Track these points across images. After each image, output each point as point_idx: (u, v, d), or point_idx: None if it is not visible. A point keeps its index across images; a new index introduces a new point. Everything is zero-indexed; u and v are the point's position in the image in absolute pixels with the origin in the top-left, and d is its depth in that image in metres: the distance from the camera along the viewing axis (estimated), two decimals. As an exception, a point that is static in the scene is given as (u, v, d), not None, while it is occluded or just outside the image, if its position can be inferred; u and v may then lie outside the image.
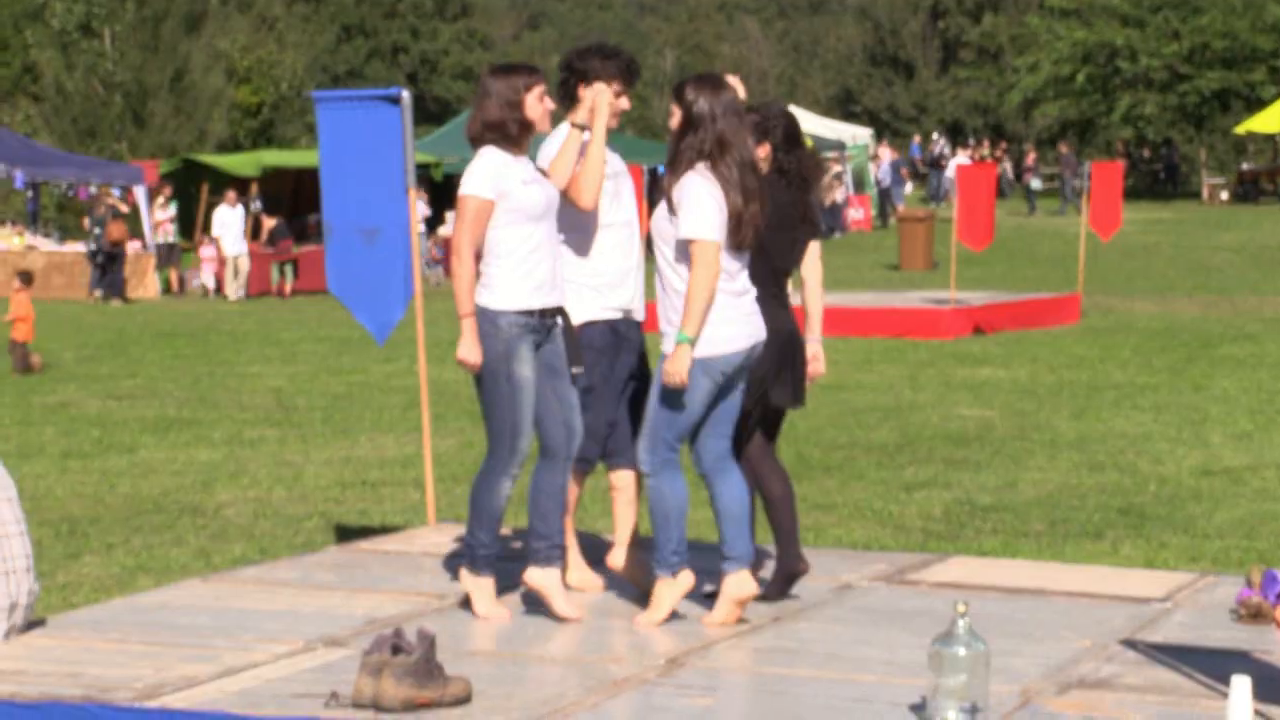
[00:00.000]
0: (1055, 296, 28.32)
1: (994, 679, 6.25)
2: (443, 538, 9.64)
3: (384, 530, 10.51)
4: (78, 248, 36.49)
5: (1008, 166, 63.19)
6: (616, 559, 8.25)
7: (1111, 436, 14.92)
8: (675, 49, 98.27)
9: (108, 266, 34.23)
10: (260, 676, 6.70)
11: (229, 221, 34.75)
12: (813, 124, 58.01)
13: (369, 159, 9.49)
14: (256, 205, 36.57)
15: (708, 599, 7.89)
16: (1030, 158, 56.63)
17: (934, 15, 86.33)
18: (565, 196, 7.99)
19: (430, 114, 75.94)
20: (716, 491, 7.59)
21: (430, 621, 7.48)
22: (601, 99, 8.02)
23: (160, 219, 35.87)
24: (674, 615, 7.62)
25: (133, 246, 36.04)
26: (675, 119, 7.49)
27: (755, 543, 7.81)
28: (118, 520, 11.42)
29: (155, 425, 15.87)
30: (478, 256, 7.68)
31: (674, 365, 7.30)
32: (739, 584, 7.56)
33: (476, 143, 7.76)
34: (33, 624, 7.41)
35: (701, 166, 7.41)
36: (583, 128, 8.04)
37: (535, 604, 7.83)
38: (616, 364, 8.22)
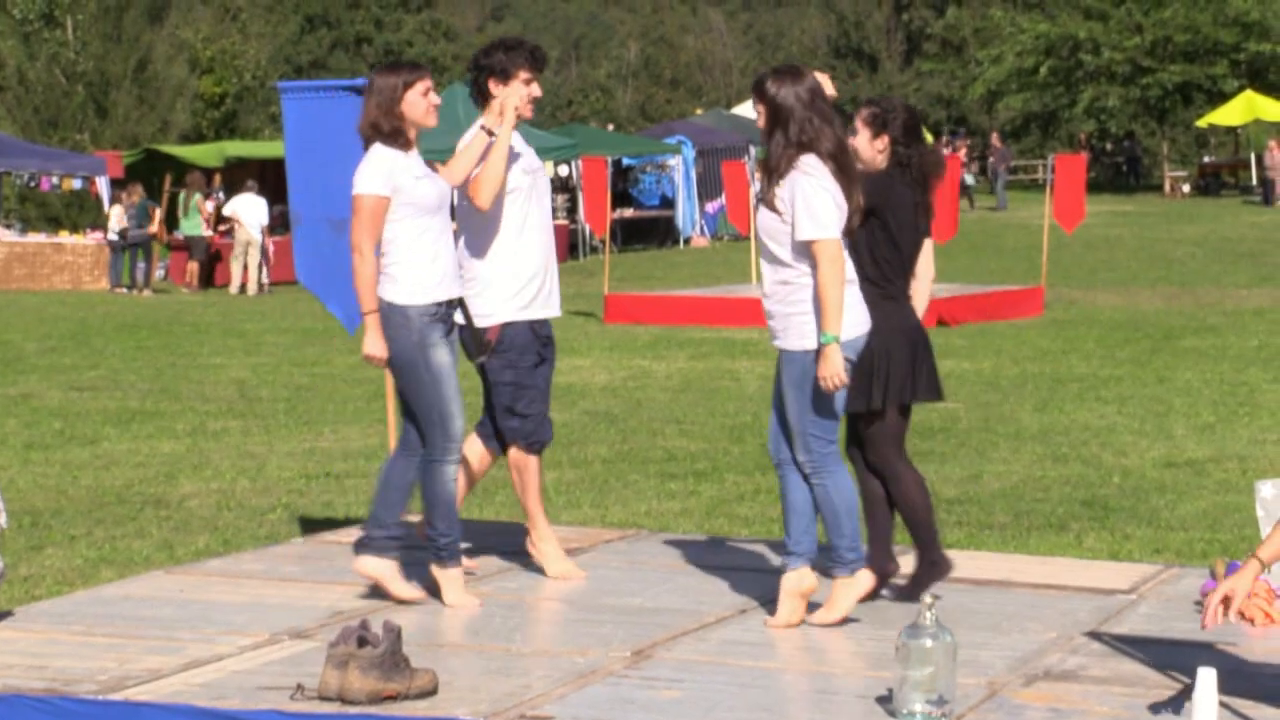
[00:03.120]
0: (1019, 289, 28.37)
1: (961, 671, 6.26)
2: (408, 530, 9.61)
3: (349, 522, 10.47)
4: (39, 238, 36.31)
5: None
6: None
7: (1075, 429, 14.95)
8: (639, 40, 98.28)
9: (135, 257, 33.91)
10: (225, 669, 6.68)
11: (254, 209, 34.03)
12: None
13: (335, 149, 9.45)
14: (219, 196, 36.42)
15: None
16: (961, 151, 56.58)
17: (898, 8, 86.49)
18: (464, 194, 8.08)
19: (394, 105, 75.70)
20: (788, 485, 7.47)
21: (396, 614, 7.47)
22: (509, 102, 8.05)
23: (205, 212, 35.60)
24: (847, 620, 7.50)
25: (95, 237, 35.89)
26: (762, 117, 7.33)
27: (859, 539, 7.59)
28: (80, 512, 11.37)
29: (118, 417, 15.81)
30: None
31: (829, 368, 7.13)
32: (800, 578, 7.43)
33: (365, 140, 7.84)
34: (-4, 616, 7.38)
35: (809, 160, 7.25)
36: (490, 131, 8.08)
37: (505, 596, 7.82)
38: (539, 359, 8.28)
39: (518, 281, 8.21)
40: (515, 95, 8.11)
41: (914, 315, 7.96)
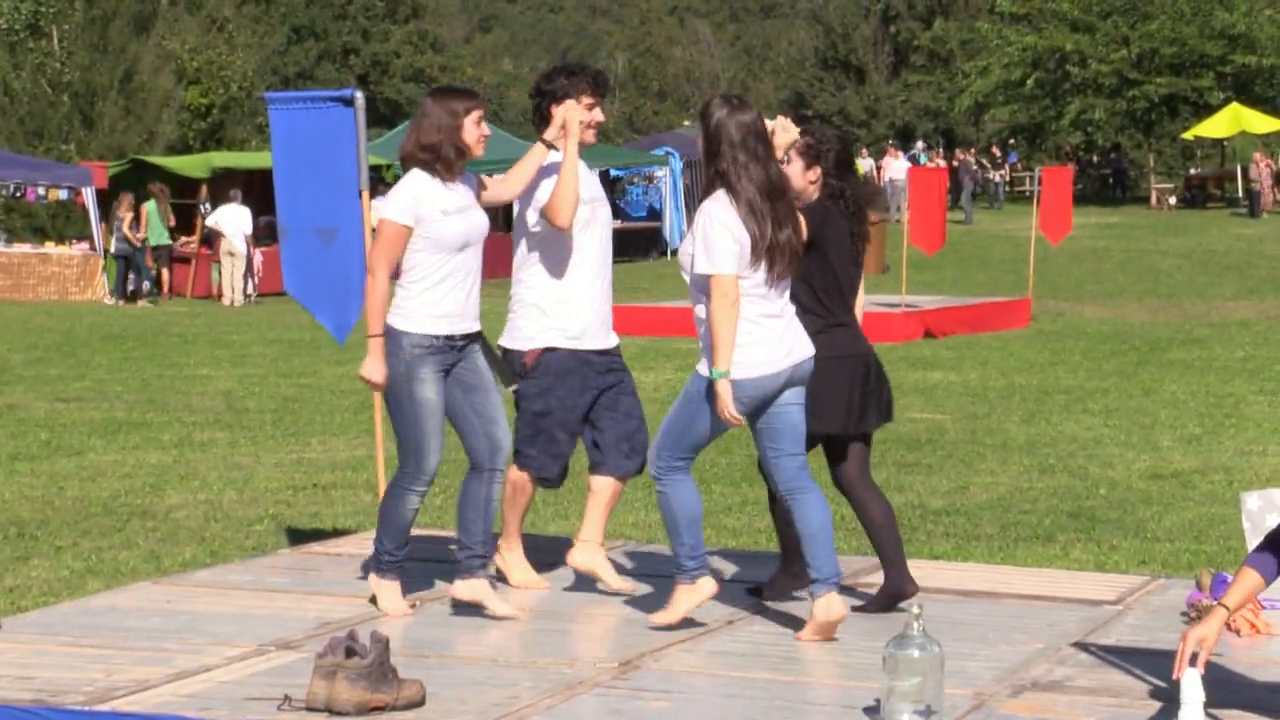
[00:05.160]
0: (1005, 301, 28.42)
1: (948, 681, 6.26)
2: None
3: (336, 533, 10.48)
4: (25, 249, 36.26)
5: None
6: (574, 556, 8.32)
7: (1062, 440, 14.97)
8: (627, 52, 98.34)
9: (132, 268, 33.94)
10: (213, 679, 6.67)
11: (238, 219, 33.98)
12: (764, 128, 57.97)
13: (323, 160, 9.46)
14: (205, 207, 36.38)
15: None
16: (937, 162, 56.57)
17: (885, 20, 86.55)
18: (543, 215, 8.00)
19: (381, 116, 75.74)
20: (798, 513, 7.43)
21: (383, 624, 7.47)
22: (571, 115, 8.01)
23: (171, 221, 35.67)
24: (688, 622, 7.54)
25: (80, 248, 35.85)
26: (701, 141, 7.39)
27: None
28: (66, 523, 11.35)
29: (104, 428, 15.79)
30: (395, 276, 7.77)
31: (721, 405, 7.19)
32: (828, 606, 7.39)
33: (407, 163, 7.80)
34: (-18, 627, 7.37)
35: (721, 194, 7.26)
36: (551, 145, 8.05)
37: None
38: (584, 387, 8.21)
39: (561, 309, 8.13)
40: (576, 110, 8.07)
41: (863, 342, 8.00)
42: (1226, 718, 6.20)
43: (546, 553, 8.90)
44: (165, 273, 35.74)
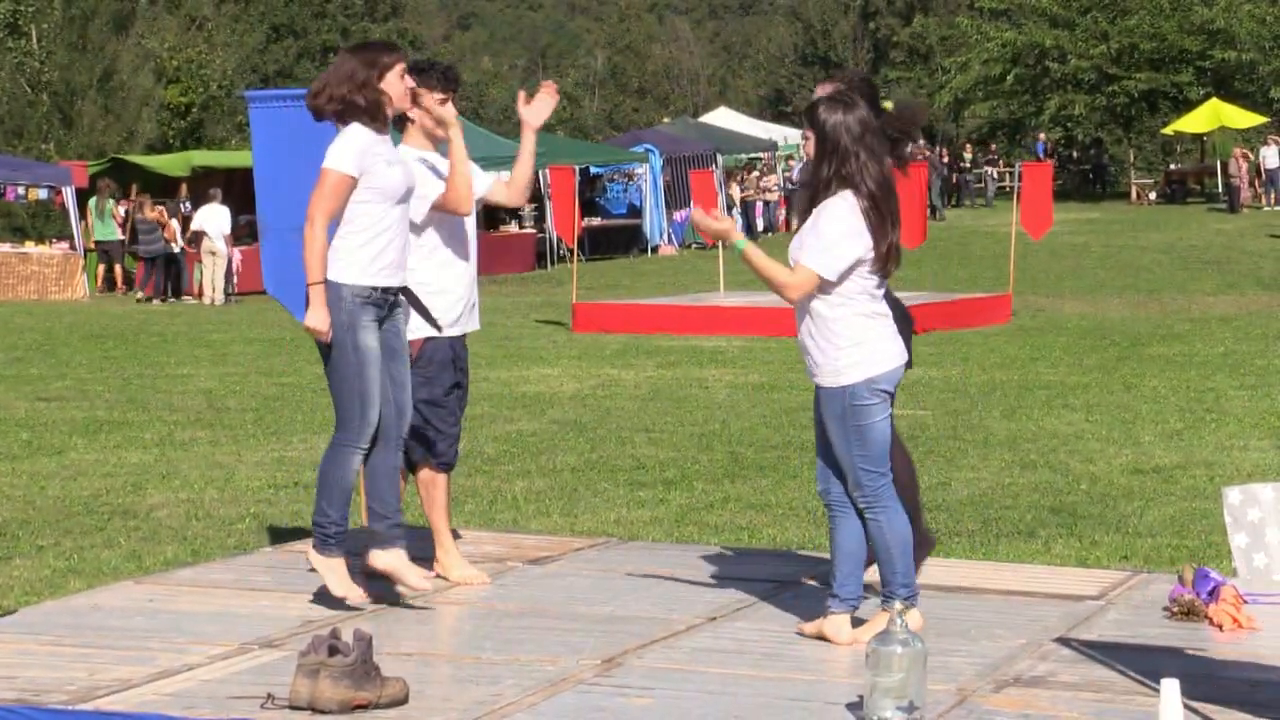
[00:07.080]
0: (986, 296, 28.45)
1: (930, 677, 6.27)
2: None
3: (318, 531, 10.45)
4: (4, 249, 36.18)
5: None
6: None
7: (1043, 436, 14.99)
8: (606, 49, 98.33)
9: (166, 268, 33.95)
10: (195, 678, 6.67)
11: (218, 219, 33.91)
12: (744, 125, 58.16)
13: (303, 158, 9.43)
14: (186, 206, 36.34)
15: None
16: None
17: (864, 16, 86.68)
18: (437, 208, 8.25)
19: (361, 114, 75.51)
20: (838, 525, 7.36)
21: (366, 622, 7.46)
22: (445, 112, 8.24)
23: (119, 217, 35.60)
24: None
25: (60, 247, 35.78)
26: (810, 144, 7.24)
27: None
28: (48, 523, 11.33)
29: (85, 427, 15.76)
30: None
31: (714, 225, 7.25)
32: (838, 630, 7.31)
33: (318, 114, 7.87)
34: (-36, 627, 7.35)
35: (847, 194, 7.16)
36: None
37: (475, 605, 7.82)
38: (454, 374, 8.42)
39: (439, 300, 8.31)
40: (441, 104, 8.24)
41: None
42: (1207, 712, 6.21)
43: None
44: (119, 268, 35.77)
